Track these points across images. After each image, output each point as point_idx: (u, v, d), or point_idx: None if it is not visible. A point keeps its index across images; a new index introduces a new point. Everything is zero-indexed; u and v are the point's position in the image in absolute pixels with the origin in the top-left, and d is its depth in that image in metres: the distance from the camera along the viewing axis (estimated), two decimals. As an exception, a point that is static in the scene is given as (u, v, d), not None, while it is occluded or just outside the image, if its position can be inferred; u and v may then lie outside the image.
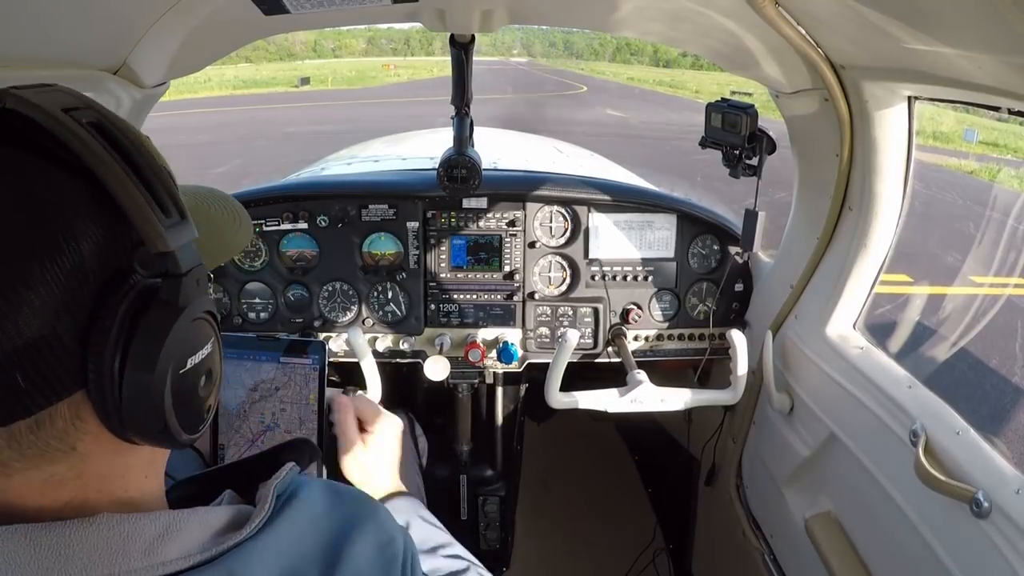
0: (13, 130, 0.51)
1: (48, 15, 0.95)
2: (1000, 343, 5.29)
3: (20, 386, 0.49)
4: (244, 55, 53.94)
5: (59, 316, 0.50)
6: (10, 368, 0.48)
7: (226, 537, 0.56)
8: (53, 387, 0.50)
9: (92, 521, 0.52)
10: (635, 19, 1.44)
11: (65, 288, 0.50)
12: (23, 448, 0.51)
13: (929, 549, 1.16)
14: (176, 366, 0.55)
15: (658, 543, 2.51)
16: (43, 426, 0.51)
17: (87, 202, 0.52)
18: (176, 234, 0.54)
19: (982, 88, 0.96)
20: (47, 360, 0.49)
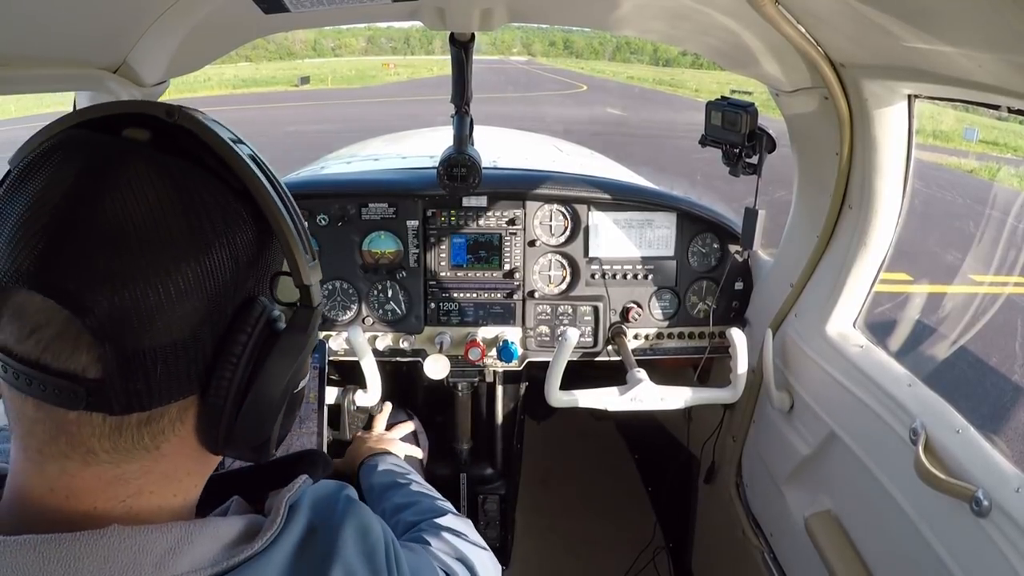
0: (182, 145, 0.55)
1: (48, 14, 0.95)
2: (1000, 341, 5.29)
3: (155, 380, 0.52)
4: (244, 54, 53.89)
5: (204, 322, 0.53)
6: (152, 361, 0.51)
7: (237, 550, 0.56)
8: (180, 387, 0.54)
9: (103, 533, 0.51)
10: (635, 17, 1.44)
11: (214, 296, 0.53)
12: (120, 440, 0.53)
13: (929, 548, 1.16)
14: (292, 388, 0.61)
15: (658, 541, 2.51)
16: (151, 422, 0.54)
17: (246, 222, 0.56)
18: (313, 271, 0.60)
19: (982, 86, 0.96)
20: (183, 361, 0.53)
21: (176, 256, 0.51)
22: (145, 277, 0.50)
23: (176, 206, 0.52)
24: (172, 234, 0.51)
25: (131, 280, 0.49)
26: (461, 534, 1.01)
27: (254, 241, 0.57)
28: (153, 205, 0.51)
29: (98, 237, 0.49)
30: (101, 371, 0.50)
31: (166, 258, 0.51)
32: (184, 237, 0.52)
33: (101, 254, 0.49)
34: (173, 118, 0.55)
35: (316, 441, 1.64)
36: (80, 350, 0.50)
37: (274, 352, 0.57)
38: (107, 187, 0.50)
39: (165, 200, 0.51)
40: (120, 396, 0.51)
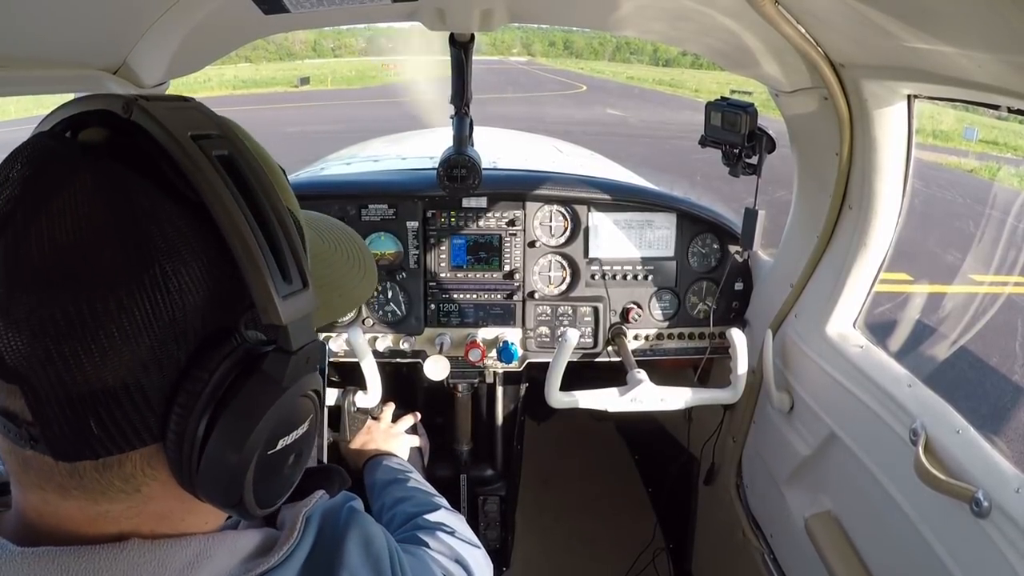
0: (132, 146, 0.47)
1: (48, 15, 0.94)
2: (1000, 341, 5.29)
3: (91, 430, 0.46)
4: (244, 55, 53.88)
5: (147, 367, 0.46)
6: (83, 410, 0.45)
7: (254, 563, 0.55)
8: (127, 437, 0.47)
9: (123, 547, 0.49)
10: (635, 18, 1.44)
11: (158, 339, 0.45)
12: (84, 482, 0.48)
13: (929, 548, 1.16)
14: (266, 447, 0.50)
15: (658, 542, 2.51)
16: (110, 468, 0.48)
17: (199, 246, 0.47)
18: (293, 304, 0.48)
19: (982, 86, 0.96)
20: (124, 410, 0.46)
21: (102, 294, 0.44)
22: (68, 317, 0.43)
23: (110, 230, 0.44)
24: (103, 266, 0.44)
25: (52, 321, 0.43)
26: (455, 532, 1.02)
27: (216, 269, 0.47)
28: (84, 229, 0.44)
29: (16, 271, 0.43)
30: (31, 415, 0.45)
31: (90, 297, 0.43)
32: (117, 269, 0.44)
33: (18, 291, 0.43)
34: (128, 114, 0.46)
35: (316, 442, 1.64)
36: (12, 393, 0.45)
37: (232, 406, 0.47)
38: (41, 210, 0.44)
39: (99, 223, 0.44)
40: (59, 443, 0.46)
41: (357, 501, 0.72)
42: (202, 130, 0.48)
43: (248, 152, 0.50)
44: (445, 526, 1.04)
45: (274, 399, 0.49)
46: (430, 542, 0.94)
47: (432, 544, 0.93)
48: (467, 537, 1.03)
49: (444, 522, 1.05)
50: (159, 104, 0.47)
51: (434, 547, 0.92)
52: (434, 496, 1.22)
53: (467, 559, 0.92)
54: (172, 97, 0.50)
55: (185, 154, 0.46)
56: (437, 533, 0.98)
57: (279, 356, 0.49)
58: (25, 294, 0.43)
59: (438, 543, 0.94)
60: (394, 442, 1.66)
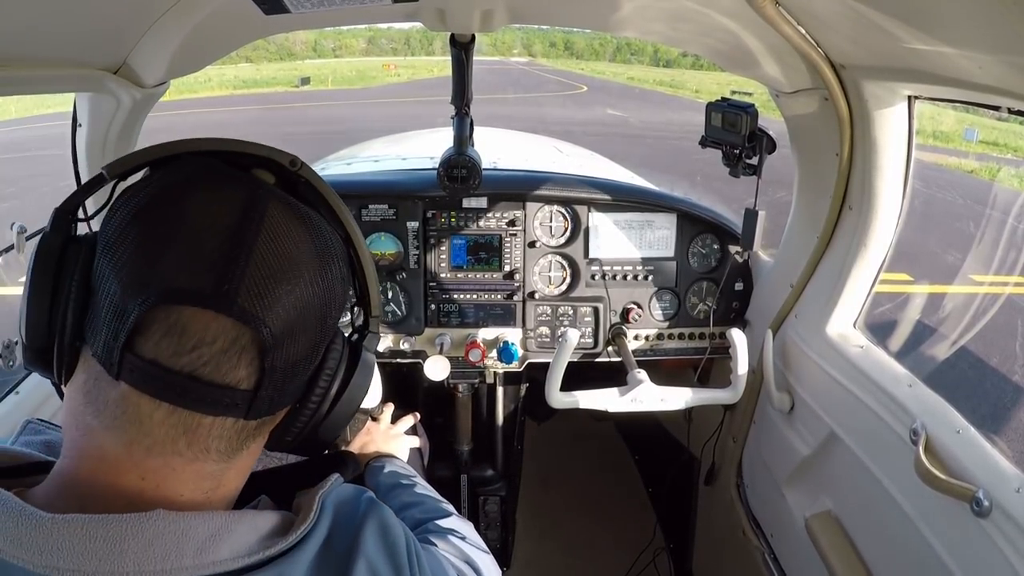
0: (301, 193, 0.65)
1: (48, 15, 0.95)
2: (1000, 342, 5.29)
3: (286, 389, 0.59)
4: (244, 55, 53.91)
5: (321, 340, 0.62)
6: (290, 373, 0.59)
7: (272, 541, 0.57)
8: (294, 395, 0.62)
9: (148, 517, 0.53)
10: (635, 19, 1.44)
11: (331, 320, 0.62)
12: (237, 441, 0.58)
13: (929, 548, 1.16)
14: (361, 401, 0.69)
15: (658, 542, 2.51)
16: (263, 426, 0.61)
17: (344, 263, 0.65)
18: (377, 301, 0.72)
19: (982, 88, 0.96)
20: (303, 373, 0.61)
21: (314, 284, 0.59)
22: (299, 300, 0.57)
23: (311, 243, 0.60)
24: (310, 266, 0.59)
25: (290, 302, 0.56)
26: (465, 537, 1.03)
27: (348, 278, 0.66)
28: (297, 240, 0.59)
29: (268, 265, 0.56)
30: (254, 383, 0.56)
31: (309, 285, 0.58)
32: (317, 270, 0.59)
33: (271, 280, 0.55)
34: (296, 168, 0.64)
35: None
36: (242, 365, 0.55)
37: (358, 370, 0.66)
38: (264, 222, 0.57)
39: (304, 237, 0.59)
40: (263, 403, 0.57)
41: (371, 493, 0.74)
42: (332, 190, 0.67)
43: None
44: (456, 531, 1.04)
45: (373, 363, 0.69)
46: (441, 544, 0.94)
47: (443, 546, 0.94)
48: (477, 543, 1.04)
49: (455, 528, 1.06)
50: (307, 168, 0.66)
51: (445, 549, 0.93)
52: (443, 502, 1.22)
53: (478, 563, 0.93)
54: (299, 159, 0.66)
55: (340, 203, 0.67)
56: (448, 537, 0.99)
57: (374, 337, 0.70)
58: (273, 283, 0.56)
59: (449, 546, 0.95)
60: (394, 443, 1.66)
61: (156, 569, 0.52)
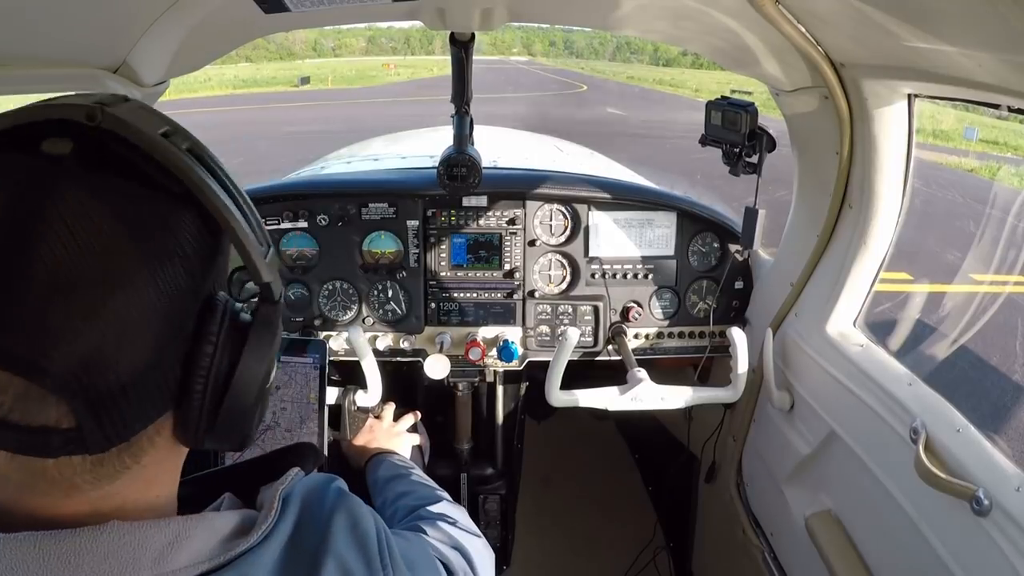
0: (111, 152, 0.50)
1: (48, 14, 0.95)
2: (1000, 340, 5.29)
3: (127, 415, 0.50)
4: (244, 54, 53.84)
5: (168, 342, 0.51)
6: (123, 398, 0.49)
7: (234, 543, 0.56)
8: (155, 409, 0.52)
9: (102, 530, 0.51)
10: (635, 17, 1.44)
11: (176, 315, 0.51)
12: (103, 470, 0.51)
13: (929, 547, 1.16)
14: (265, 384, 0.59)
15: (658, 541, 2.51)
16: (130, 447, 0.52)
17: (194, 231, 0.52)
18: (271, 263, 0.57)
19: (982, 86, 0.96)
20: (153, 385, 0.51)
21: (127, 288, 0.47)
22: (98, 319, 0.46)
23: (118, 233, 0.47)
24: (118, 266, 0.47)
25: (84, 327, 0.46)
26: (455, 521, 1.04)
27: (206, 244, 0.53)
28: (92, 237, 0.46)
29: (38, 289, 0.45)
30: (73, 420, 0.47)
31: (116, 294, 0.47)
32: (132, 265, 0.48)
33: (44, 308, 0.45)
34: (96, 122, 0.49)
35: (317, 441, 1.65)
36: (48, 406, 0.47)
37: (245, 353, 0.55)
38: (36, 227, 0.45)
39: (105, 230, 0.47)
40: (97, 436, 0.49)
41: (341, 482, 0.72)
42: (162, 128, 0.52)
43: (199, 141, 0.55)
44: (447, 516, 1.05)
45: (272, 341, 0.58)
46: (430, 530, 0.95)
47: (431, 532, 0.94)
48: (468, 527, 1.05)
49: (446, 513, 1.07)
50: (121, 108, 0.50)
51: (433, 535, 0.93)
52: (436, 489, 1.24)
53: (467, 548, 0.93)
54: (118, 97, 0.52)
55: (164, 148, 0.50)
56: (438, 523, 1.00)
57: (268, 307, 0.57)
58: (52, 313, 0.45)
59: (438, 532, 0.96)
60: (396, 441, 1.67)
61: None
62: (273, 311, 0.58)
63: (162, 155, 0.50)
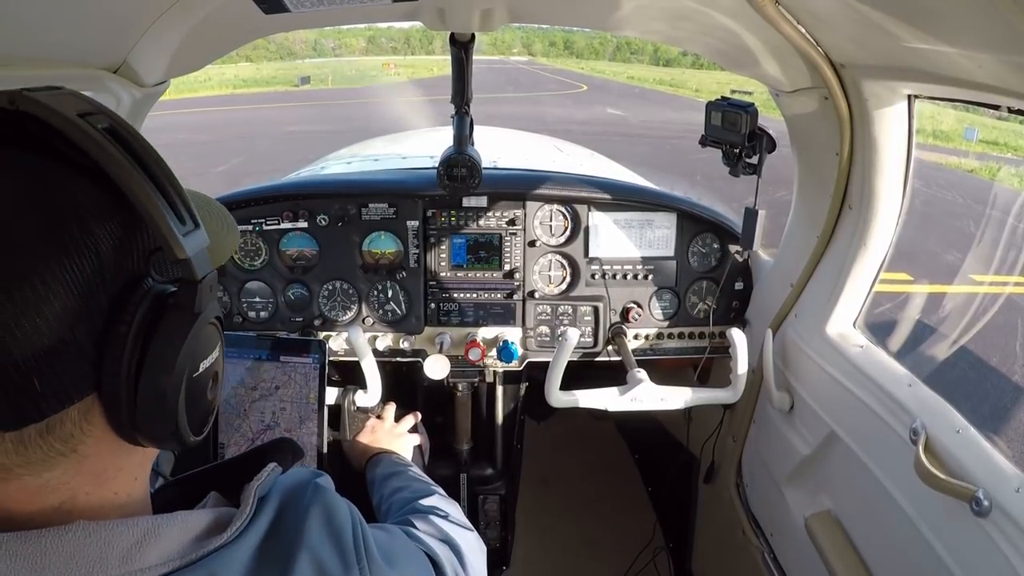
0: (25, 132, 0.51)
1: (48, 14, 0.95)
2: (1000, 341, 5.29)
3: (36, 390, 0.49)
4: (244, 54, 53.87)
5: (78, 320, 0.50)
6: (27, 372, 0.48)
7: (207, 541, 0.56)
8: (68, 391, 0.51)
9: (68, 529, 0.51)
10: (635, 18, 1.44)
11: (83, 292, 0.50)
12: (29, 453, 0.51)
13: (929, 548, 1.16)
14: (190, 370, 0.56)
15: (658, 542, 2.51)
16: (52, 430, 0.51)
17: (104, 207, 0.52)
18: (191, 241, 0.54)
19: (982, 87, 0.96)
20: (64, 364, 0.50)
21: (30, 262, 0.48)
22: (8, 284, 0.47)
23: (22, 206, 0.49)
24: (21, 239, 0.48)
25: None
26: (447, 515, 1.05)
27: (121, 223, 0.53)
28: None
29: None
30: None
31: (18, 265, 0.47)
32: (35, 239, 0.48)
33: None
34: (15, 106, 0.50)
35: (316, 441, 1.65)
36: None
37: (157, 337, 0.53)
38: None
39: (9, 203, 0.48)
40: (8, 411, 0.49)
41: (324, 478, 0.72)
42: (83, 109, 0.52)
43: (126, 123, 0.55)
44: (438, 510, 1.07)
45: (191, 323, 0.55)
46: (420, 524, 0.96)
47: (421, 526, 0.95)
48: (459, 520, 1.06)
49: (437, 506, 1.09)
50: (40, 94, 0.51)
51: (423, 528, 0.94)
52: (430, 484, 1.26)
53: (458, 541, 0.94)
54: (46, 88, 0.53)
55: (77, 128, 0.50)
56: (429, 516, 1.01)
57: (188, 287, 0.55)
58: None
59: (428, 525, 0.97)
60: (397, 441, 1.68)
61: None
62: (191, 291, 0.55)
63: (72, 133, 0.50)
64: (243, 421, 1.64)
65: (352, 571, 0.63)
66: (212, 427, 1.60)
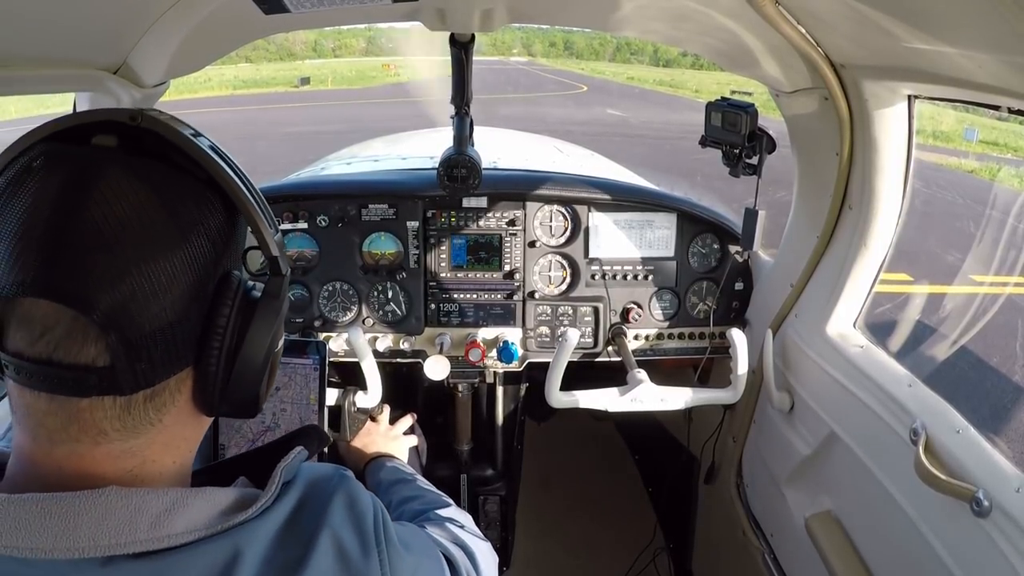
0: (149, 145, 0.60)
1: (48, 15, 0.95)
2: (1000, 342, 5.29)
3: (155, 359, 0.57)
4: (244, 55, 53.88)
5: (193, 301, 0.59)
6: (153, 343, 0.57)
7: (233, 516, 0.59)
8: (178, 361, 0.60)
9: (101, 493, 0.55)
10: (635, 18, 1.44)
11: (200, 279, 0.59)
12: (129, 418, 0.58)
13: (929, 548, 1.16)
14: (273, 348, 0.67)
15: (658, 542, 2.51)
16: (154, 398, 0.59)
17: (217, 210, 0.62)
18: (276, 241, 0.66)
19: (982, 87, 0.96)
20: (178, 337, 0.59)
21: (161, 248, 0.56)
22: (137, 270, 0.55)
23: (154, 203, 0.57)
24: (155, 229, 0.56)
25: (125, 274, 0.54)
26: (463, 525, 1.05)
27: (225, 223, 0.63)
28: (134, 205, 0.56)
29: (90, 241, 0.54)
30: (109, 358, 0.55)
31: (153, 251, 0.56)
32: (166, 229, 0.57)
33: (95, 256, 0.54)
34: (137, 122, 0.59)
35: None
36: (88, 343, 0.55)
37: (255, 319, 0.64)
38: (89, 195, 0.55)
39: (144, 199, 0.56)
40: (128, 377, 0.56)
41: (349, 472, 0.75)
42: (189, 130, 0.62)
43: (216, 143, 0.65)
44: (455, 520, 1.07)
45: (279, 309, 0.66)
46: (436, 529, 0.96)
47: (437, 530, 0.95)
48: (474, 531, 1.06)
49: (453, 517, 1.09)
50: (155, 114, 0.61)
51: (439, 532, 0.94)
52: (442, 496, 1.24)
53: (472, 549, 0.94)
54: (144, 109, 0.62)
55: (193, 145, 0.61)
56: (445, 524, 1.02)
57: (275, 279, 0.67)
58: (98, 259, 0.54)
59: (444, 531, 0.97)
60: (394, 444, 1.67)
61: (111, 543, 0.54)
62: (280, 283, 0.66)
63: (191, 148, 0.60)
64: (243, 422, 1.64)
65: (371, 553, 0.66)
66: (213, 428, 1.61)
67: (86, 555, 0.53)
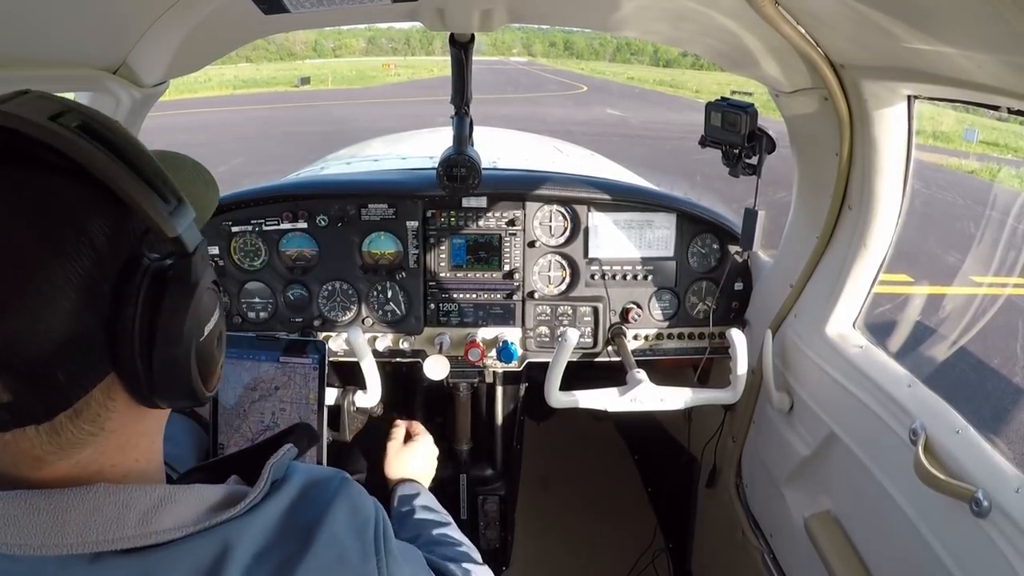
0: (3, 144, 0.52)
1: (48, 15, 0.95)
2: (1000, 342, 5.29)
3: (61, 382, 0.52)
4: (244, 55, 53.95)
5: (85, 311, 0.53)
6: (50, 368, 0.52)
7: (221, 512, 0.59)
8: (89, 375, 0.55)
9: (89, 489, 0.55)
10: (635, 19, 1.44)
11: (86, 286, 0.53)
12: (62, 440, 0.55)
13: (929, 548, 1.16)
14: (196, 335, 0.60)
15: (658, 543, 2.51)
16: (80, 413, 0.55)
17: (91, 202, 0.54)
18: (178, 218, 0.57)
19: (982, 87, 0.96)
20: (81, 353, 0.53)
21: (33, 270, 0.50)
22: (9, 301, 0.49)
23: (16, 221, 0.51)
24: (22, 252, 0.50)
25: None
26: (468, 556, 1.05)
27: (110, 213, 0.55)
28: None
29: None
30: (11, 395, 0.51)
31: (24, 276, 0.50)
32: (35, 248, 0.51)
33: None
34: None
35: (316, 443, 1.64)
36: None
37: (163, 310, 0.57)
38: None
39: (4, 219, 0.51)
40: (38, 407, 0.52)
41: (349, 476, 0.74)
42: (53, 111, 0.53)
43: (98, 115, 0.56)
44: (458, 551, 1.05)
45: (191, 293, 0.59)
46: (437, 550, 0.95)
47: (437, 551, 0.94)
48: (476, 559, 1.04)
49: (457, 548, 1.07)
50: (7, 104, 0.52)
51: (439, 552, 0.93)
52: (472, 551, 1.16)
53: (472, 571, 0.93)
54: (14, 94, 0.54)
55: (49, 132, 0.51)
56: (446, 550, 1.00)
57: (182, 261, 0.58)
58: None
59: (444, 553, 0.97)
60: (414, 464, 1.52)
61: (99, 540, 0.54)
62: (186, 264, 0.58)
63: (47, 137, 0.51)
64: (243, 422, 1.64)
65: (370, 559, 0.65)
66: (212, 428, 1.61)
67: (74, 551, 0.53)
